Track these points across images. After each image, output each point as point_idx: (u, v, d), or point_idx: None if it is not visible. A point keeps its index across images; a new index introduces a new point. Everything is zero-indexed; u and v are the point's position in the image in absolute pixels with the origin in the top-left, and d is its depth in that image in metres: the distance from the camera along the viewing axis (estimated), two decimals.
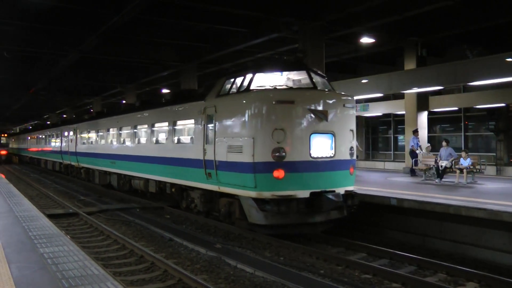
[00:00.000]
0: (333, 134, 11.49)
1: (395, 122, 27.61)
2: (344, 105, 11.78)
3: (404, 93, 21.42)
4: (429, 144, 18.97)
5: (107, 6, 16.84)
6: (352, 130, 12.03)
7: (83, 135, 26.70)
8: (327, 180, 11.36)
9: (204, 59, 24.78)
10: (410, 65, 21.01)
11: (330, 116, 11.36)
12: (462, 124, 23.64)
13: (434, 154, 18.74)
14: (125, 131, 20.17)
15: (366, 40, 19.37)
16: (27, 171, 40.92)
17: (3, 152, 56.55)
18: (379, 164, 26.90)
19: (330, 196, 11.01)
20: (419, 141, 19.38)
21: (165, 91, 35.73)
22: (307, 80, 12.00)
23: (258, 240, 12.14)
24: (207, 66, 27.25)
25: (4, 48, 23.31)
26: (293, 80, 12.37)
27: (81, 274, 6.16)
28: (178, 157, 14.61)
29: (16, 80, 33.89)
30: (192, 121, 13.88)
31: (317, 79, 12.17)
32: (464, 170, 16.09)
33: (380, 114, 26.82)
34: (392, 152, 27.72)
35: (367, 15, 17.44)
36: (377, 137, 30.33)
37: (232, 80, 12.55)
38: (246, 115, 11.25)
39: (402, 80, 15.89)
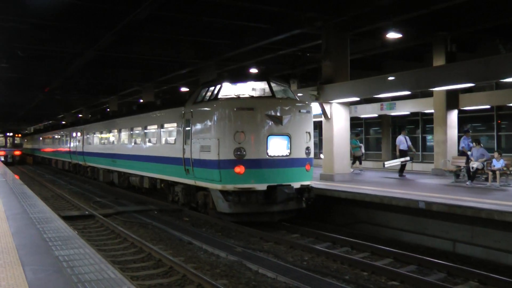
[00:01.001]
0: (289, 136, 13.71)
1: (423, 121, 27.30)
2: (299, 111, 14.01)
3: (432, 91, 21.17)
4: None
5: (124, 2, 16.95)
6: (308, 132, 14.21)
7: (88, 136, 29.38)
8: (282, 175, 13.60)
9: (224, 57, 24.81)
10: (439, 61, 20.74)
11: (285, 121, 13.62)
12: (495, 123, 23.24)
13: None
14: (123, 133, 22.94)
15: (392, 35, 19.13)
16: (41, 172, 41.45)
17: (17, 153, 56.96)
18: (407, 165, 26.59)
19: (284, 189, 13.21)
20: (470, 141, 19.06)
21: (184, 89, 35.91)
22: (268, 89, 14.19)
23: (280, 244, 12.13)
24: (227, 64, 27.29)
25: (18, 47, 23.60)
26: (259, 89, 14.49)
27: (97, 278, 6.18)
28: (164, 156, 17.16)
29: (31, 79, 34.31)
30: (175, 124, 16.40)
31: (277, 88, 14.41)
32: (497, 172, 15.82)
33: (407, 113, 26.55)
34: (420, 153, 27.42)
35: (393, 9, 17.27)
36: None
37: (206, 89, 15.00)
38: (213, 120, 13.73)
39: (431, 77, 15.64)
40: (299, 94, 20.31)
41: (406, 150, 20.31)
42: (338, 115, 18.57)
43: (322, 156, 20.50)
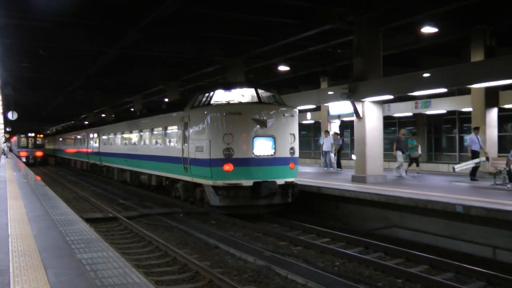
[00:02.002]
0: (274, 138, 15.81)
1: (461, 120, 26.90)
2: (283, 115, 16.12)
3: (470, 88, 20.81)
4: None
5: None
6: (292, 134, 16.28)
7: (104, 137, 31.93)
8: (267, 172, 15.61)
9: (252, 54, 24.76)
10: (477, 56, 20.37)
11: (269, 124, 15.68)
12: None
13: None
14: (134, 134, 25.46)
15: (427, 29, 18.93)
16: (63, 173, 42.06)
17: (39, 153, 57.66)
18: (443, 167, 26.23)
19: (268, 185, 15.30)
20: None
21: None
22: (255, 96, 16.34)
23: (310, 248, 12.07)
24: (255, 61, 27.25)
25: (40, 45, 23.88)
26: (247, 96, 16.67)
27: (121, 282, 6.20)
28: (168, 156, 19.34)
29: (52, 79, 34.79)
30: (176, 127, 18.62)
31: (263, 94, 16.67)
32: None
33: (443, 111, 26.19)
34: (457, 154, 27.01)
35: (428, 2, 17.03)
36: (440, 137, 29.63)
37: (202, 95, 17.38)
38: (206, 123, 15.92)
39: (469, 73, 15.37)
40: (329, 92, 20.25)
41: (478, 151, 19.22)
42: (371, 114, 18.39)
43: (353, 157, 20.33)
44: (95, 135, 34.44)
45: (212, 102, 16.35)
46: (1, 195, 15.95)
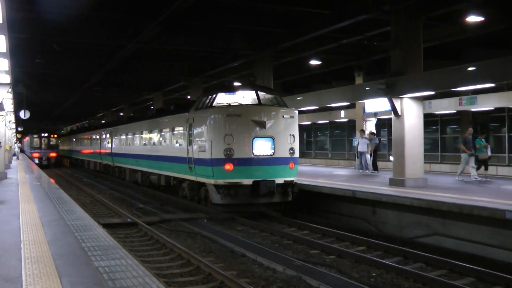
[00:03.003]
0: (273, 138, 17.53)
1: (510, 118, 26.45)
2: (283, 116, 17.81)
3: None
4: None
5: None
6: (292, 135, 17.99)
7: (116, 138, 34.20)
8: (267, 172, 17.34)
9: (281, 47, 24.67)
10: None
11: (268, 125, 17.42)
12: None
13: None
14: (144, 135, 27.41)
15: (472, 19, 18.65)
16: (78, 175, 42.61)
17: (53, 154, 58.52)
18: (491, 169, 25.83)
19: (266, 184, 16.97)
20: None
21: (236, 84, 36.03)
22: (255, 98, 18.19)
23: (344, 257, 12.00)
24: (284, 55, 27.19)
25: (54, 40, 24.03)
26: (248, 98, 18.36)
27: None
28: (175, 156, 21.17)
29: (68, 75, 35.11)
30: (182, 128, 20.45)
31: (264, 96, 18.52)
32: None
33: (491, 108, 25.77)
34: (507, 155, 26.56)
35: None
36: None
37: (206, 97, 19.29)
38: (208, 124, 17.80)
39: None
40: (365, 88, 20.11)
41: None
42: (410, 112, 18.21)
43: (391, 158, 20.14)
44: (108, 135, 36.55)
45: (214, 104, 18.20)
46: (12, 199, 16.22)
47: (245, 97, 18.49)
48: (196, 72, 33.39)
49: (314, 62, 28.24)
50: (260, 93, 18.42)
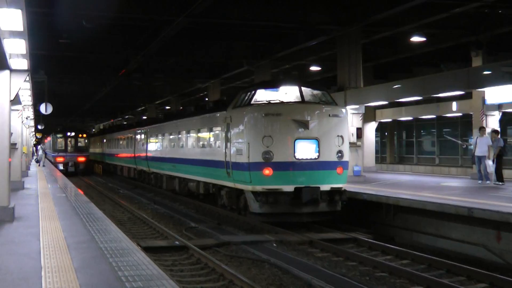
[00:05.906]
0: (317, 140, 19.15)
1: None
2: (329, 115, 19.47)
3: None
4: None
5: None
6: (340, 136, 19.63)
7: (151, 139, 36.22)
8: (310, 177, 19.00)
9: (372, 19, 24.39)
10: None
11: (312, 125, 19.03)
12: None
13: None
14: (181, 136, 29.29)
15: None
16: (113, 185, 43.38)
17: (81, 159, 58.43)
18: None
19: (309, 191, 18.57)
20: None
21: (314, 68, 35.86)
22: (299, 95, 19.85)
23: None
24: (377, 30, 26.96)
25: (82, 14, 24.25)
26: (290, 95, 20.05)
27: None
28: (212, 159, 23.11)
29: (100, 59, 35.80)
30: (219, 128, 22.50)
31: (308, 93, 20.26)
32: None
33: None
34: None
35: None
36: None
37: (244, 94, 21.12)
38: (245, 125, 19.64)
39: None
40: (485, 72, 19.64)
41: None
42: None
43: None
44: (143, 136, 38.68)
45: (252, 101, 20.03)
46: (31, 214, 16.59)
47: (288, 93, 20.16)
48: (262, 54, 33.35)
49: (416, 38, 27.85)
50: (304, 89, 20.11)
